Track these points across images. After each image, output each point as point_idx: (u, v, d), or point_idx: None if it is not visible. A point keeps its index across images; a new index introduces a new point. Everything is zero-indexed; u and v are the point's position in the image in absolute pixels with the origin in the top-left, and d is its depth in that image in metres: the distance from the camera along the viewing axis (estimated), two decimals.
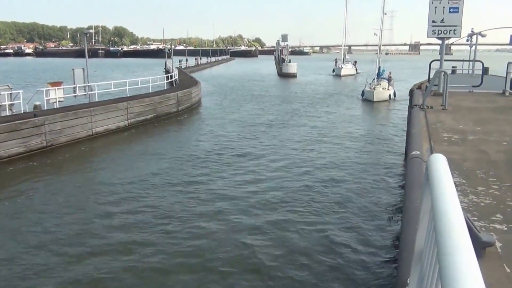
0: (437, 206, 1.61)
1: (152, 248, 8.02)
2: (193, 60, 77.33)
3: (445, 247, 1.28)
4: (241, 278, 7.05)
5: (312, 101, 31.70)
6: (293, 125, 21.70)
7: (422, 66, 51.01)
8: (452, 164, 5.72)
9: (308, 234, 8.68)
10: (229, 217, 9.52)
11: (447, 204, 1.59)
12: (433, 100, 12.22)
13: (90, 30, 28.72)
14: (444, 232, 1.38)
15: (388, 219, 9.51)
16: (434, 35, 13.86)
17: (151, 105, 22.12)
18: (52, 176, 13.05)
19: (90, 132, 17.81)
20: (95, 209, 10.10)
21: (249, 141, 17.70)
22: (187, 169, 13.52)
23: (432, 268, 1.56)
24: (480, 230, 3.46)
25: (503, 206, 4.36)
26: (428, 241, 1.82)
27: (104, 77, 42.44)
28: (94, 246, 8.14)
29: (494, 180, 5.18)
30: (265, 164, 14.01)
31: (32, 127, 15.14)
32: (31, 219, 9.55)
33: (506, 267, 3.14)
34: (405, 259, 3.35)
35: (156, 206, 10.23)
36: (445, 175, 1.90)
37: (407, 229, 4.02)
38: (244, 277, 7.10)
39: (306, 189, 11.47)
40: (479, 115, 10.11)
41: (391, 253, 7.80)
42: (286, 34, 73.37)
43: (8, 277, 7.10)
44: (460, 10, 13.50)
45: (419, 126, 8.50)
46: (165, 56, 57.58)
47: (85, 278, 7.07)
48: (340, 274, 7.20)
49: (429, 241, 1.79)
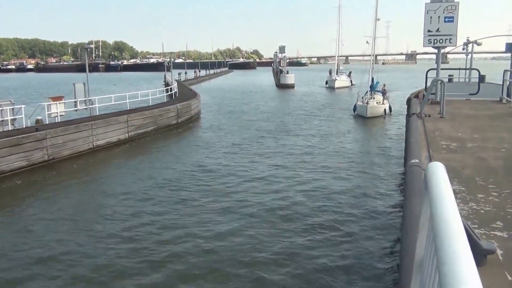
0: (436, 214, 1.62)
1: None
2: (192, 73, 77.71)
3: (445, 255, 1.28)
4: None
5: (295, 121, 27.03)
6: (282, 144, 19.44)
7: (420, 75, 49.50)
8: (451, 171, 5.75)
9: (310, 242, 8.66)
10: (233, 235, 9.49)
11: (446, 212, 1.60)
12: (431, 108, 12.30)
13: (91, 45, 29.11)
14: (444, 240, 1.39)
15: (389, 226, 9.49)
16: (430, 45, 14.01)
17: (151, 118, 22.21)
18: (54, 190, 13.05)
19: (91, 145, 17.91)
20: (97, 224, 10.07)
21: (246, 153, 17.77)
22: (185, 182, 13.53)
23: (433, 277, 1.56)
24: (481, 237, 3.47)
25: (503, 213, 4.36)
26: (428, 249, 1.83)
27: (105, 91, 42.54)
28: (94, 263, 8.11)
29: (494, 187, 5.19)
30: (258, 178, 13.88)
31: (34, 141, 15.25)
32: (32, 233, 9.52)
33: (507, 275, 3.14)
34: (406, 267, 3.35)
35: (156, 220, 10.22)
36: (444, 183, 1.91)
37: (407, 237, 4.03)
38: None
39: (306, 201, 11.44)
40: (477, 123, 10.16)
41: (393, 261, 7.78)
42: (283, 45, 73.53)
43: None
44: (455, 19, 13.66)
45: (418, 134, 8.54)
46: (165, 69, 57.98)
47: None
48: (342, 282, 7.17)
49: (429, 249, 1.80)
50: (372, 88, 29.36)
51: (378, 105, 27.92)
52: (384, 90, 30.04)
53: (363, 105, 27.65)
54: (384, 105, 28.34)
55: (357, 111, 28.80)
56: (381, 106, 28.11)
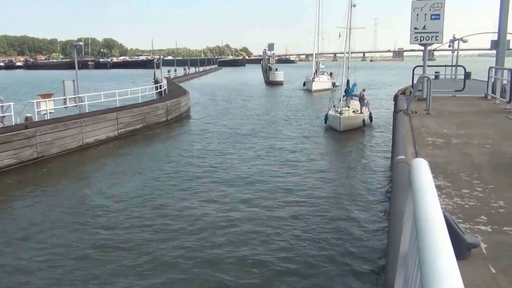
0: (419, 211, 1.64)
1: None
2: (182, 70, 77.31)
3: (426, 251, 1.29)
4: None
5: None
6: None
7: (408, 72, 47.43)
8: (437, 167, 5.85)
9: (298, 237, 8.72)
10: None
11: (428, 208, 1.61)
12: (417, 105, 12.44)
13: (80, 42, 28.77)
14: (425, 237, 1.39)
15: (377, 222, 9.60)
16: (417, 42, 14.16)
17: (140, 115, 22.11)
18: (43, 187, 13.01)
19: (80, 143, 17.85)
20: (85, 223, 10.01)
21: (233, 150, 17.74)
22: (174, 179, 13.52)
23: (415, 272, 1.58)
24: (465, 231, 3.53)
25: (487, 207, 4.44)
26: (412, 245, 1.86)
27: (95, 89, 42.04)
28: (84, 264, 8.06)
29: (478, 183, 5.28)
30: (246, 178, 13.94)
31: (23, 138, 15.16)
32: (20, 231, 9.43)
33: (491, 268, 3.20)
34: (392, 263, 3.39)
35: (146, 217, 10.20)
36: (427, 180, 1.93)
37: (393, 233, 4.08)
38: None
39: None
40: (462, 119, 10.30)
41: (381, 257, 7.88)
42: (272, 43, 73.60)
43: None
44: (442, 17, 13.82)
45: (404, 130, 8.62)
46: (154, 67, 57.60)
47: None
48: (330, 278, 7.24)
49: (412, 245, 1.83)
50: (347, 93, 23.66)
51: (355, 115, 21.82)
52: (362, 96, 23.37)
53: (335, 116, 21.39)
54: (362, 114, 22.23)
55: (328, 123, 22.70)
56: (359, 117, 21.97)
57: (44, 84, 59.73)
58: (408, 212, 2.16)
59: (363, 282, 7.18)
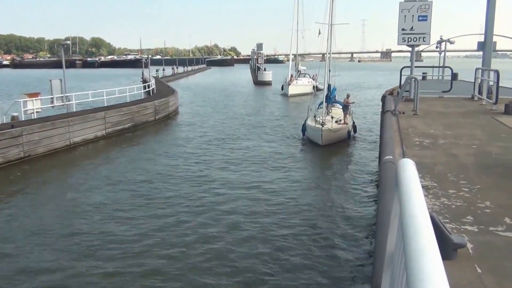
0: (405, 211, 1.63)
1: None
2: (170, 70, 76.88)
3: (412, 251, 1.27)
4: None
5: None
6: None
7: (395, 73, 43.50)
8: (424, 168, 5.88)
9: (284, 237, 8.71)
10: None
11: (414, 209, 1.60)
12: (405, 105, 12.54)
13: (68, 41, 28.52)
14: (411, 237, 1.38)
15: (366, 223, 9.64)
16: (404, 43, 14.29)
17: (128, 115, 21.94)
18: (29, 187, 12.87)
19: (68, 142, 17.67)
20: (70, 224, 9.88)
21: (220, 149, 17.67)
22: (162, 181, 13.42)
23: (401, 273, 1.57)
24: (452, 232, 3.54)
25: (473, 208, 4.47)
26: (398, 245, 1.85)
27: (83, 88, 41.41)
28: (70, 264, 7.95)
29: (465, 183, 5.31)
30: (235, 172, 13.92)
31: (9, 138, 14.96)
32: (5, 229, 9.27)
33: (477, 268, 3.22)
34: (379, 263, 3.39)
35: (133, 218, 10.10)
36: (414, 180, 1.93)
37: (380, 233, 4.08)
38: None
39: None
40: (449, 120, 10.40)
41: (369, 257, 7.91)
42: (261, 43, 73.49)
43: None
44: (429, 18, 13.97)
45: (392, 131, 8.67)
46: (142, 66, 57.17)
47: None
48: (317, 279, 7.24)
49: (398, 245, 1.82)
50: (328, 99, 20.18)
51: (339, 127, 18.45)
52: (347, 103, 19.69)
53: (315, 128, 18.02)
54: (347, 124, 18.98)
55: (307, 134, 19.18)
56: (343, 128, 18.67)
57: (31, 83, 58.83)
58: (394, 212, 2.15)
59: (351, 282, 7.20)
